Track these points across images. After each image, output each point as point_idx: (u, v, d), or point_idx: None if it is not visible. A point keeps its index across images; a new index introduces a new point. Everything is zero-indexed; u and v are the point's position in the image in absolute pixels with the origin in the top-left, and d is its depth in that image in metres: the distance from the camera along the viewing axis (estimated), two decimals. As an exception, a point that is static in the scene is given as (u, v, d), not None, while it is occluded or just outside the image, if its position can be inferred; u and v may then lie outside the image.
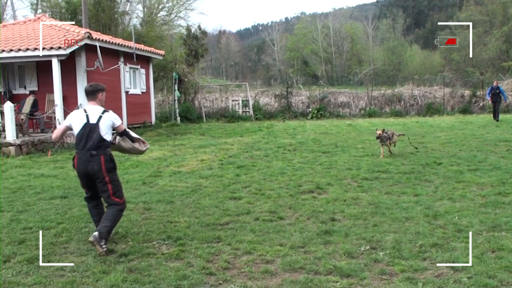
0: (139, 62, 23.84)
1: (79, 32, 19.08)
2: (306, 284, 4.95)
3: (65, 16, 33.53)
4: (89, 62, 19.30)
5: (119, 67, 21.73)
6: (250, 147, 15.88)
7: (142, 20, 39.72)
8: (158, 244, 6.37)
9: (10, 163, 13.80)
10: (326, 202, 8.38)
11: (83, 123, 6.37)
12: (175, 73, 28.65)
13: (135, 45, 22.83)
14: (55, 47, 17.27)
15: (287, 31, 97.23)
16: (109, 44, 20.38)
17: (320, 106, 29.95)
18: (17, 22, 23.77)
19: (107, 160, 6.30)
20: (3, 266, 5.70)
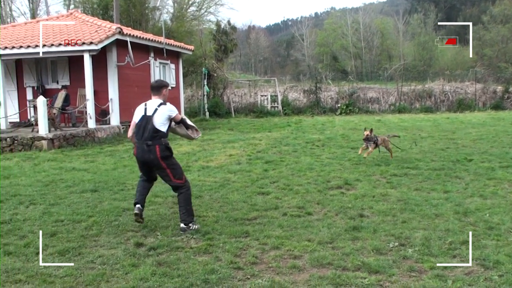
0: (169, 57, 23.99)
1: (110, 27, 19.29)
2: (334, 280, 4.94)
3: (97, 11, 33.87)
4: (120, 57, 19.51)
5: (149, 62, 21.91)
6: (278, 142, 15.88)
7: (172, 15, 39.95)
8: (186, 238, 6.43)
9: (43, 156, 14.04)
10: (355, 198, 8.35)
11: (141, 115, 6.93)
12: (204, 68, 28.77)
13: (165, 40, 22.98)
14: (86, 42, 17.49)
15: (316, 26, 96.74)
16: (139, 39, 20.57)
17: (349, 101, 29.77)
18: (50, 18, 24.13)
19: (162, 149, 6.77)
20: (35, 258, 5.81)
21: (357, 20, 79.03)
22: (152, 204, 8.21)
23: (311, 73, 35.67)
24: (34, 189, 9.62)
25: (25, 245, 6.25)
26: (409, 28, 77.15)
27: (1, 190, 9.54)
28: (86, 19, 21.60)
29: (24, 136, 15.73)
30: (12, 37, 19.20)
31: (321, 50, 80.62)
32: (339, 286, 4.85)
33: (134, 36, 20.13)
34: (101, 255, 5.87)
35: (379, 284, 4.88)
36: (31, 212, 7.87)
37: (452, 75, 35.41)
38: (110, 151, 14.93)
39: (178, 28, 36.17)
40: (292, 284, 4.91)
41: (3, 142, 15.62)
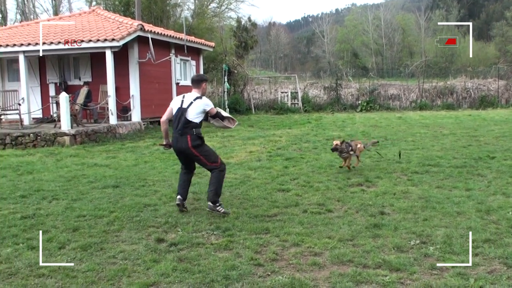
0: (190, 54, 24.08)
1: (132, 24, 19.41)
2: (355, 277, 4.93)
3: (118, 8, 34.10)
4: (141, 54, 19.63)
5: (170, 58, 22.01)
6: (298, 139, 15.87)
7: (193, 12, 40.05)
8: (207, 234, 6.46)
9: (65, 152, 14.20)
10: (375, 195, 8.32)
11: (178, 107, 7.47)
12: (225, 64, 28.81)
13: (186, 37, 23.07)
14: (108, 39, 17.62)
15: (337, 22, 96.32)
16: (161, 36, 20.67)
17: (370, 98, 29.61)
18: (72, 15, 24.36)
19: (193, 138, 7.29)
20: (58, 253, 5.89)
21: (378, 16, 78.54)
22: (173, 200, 8.24)
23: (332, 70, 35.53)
24: (56, 184, 9.74)
25: (48, 239, 6.33)
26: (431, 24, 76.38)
27: (25, 185, 9.68)
28: (108, 15, 21.77)
29: (47, 132, 15.92)
30: (36, 34, 19.41)
31: (341, 46, 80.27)
32: (360, 283, 4.84)
33: (156, 33, 20.24)
34: (123, 250, 5.92)
35: (400, 281, 4.86)
36: (54, 207, 7.97)
37: (475, 72, 35.01)
38: (131, 147, 15.05)
39: (198, 25, 36.27)
40: (313, 281, 4.91)
41: (27, 137, 15.83)
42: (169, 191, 8.92)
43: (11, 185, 9.73)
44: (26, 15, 44.00)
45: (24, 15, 43.80)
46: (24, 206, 8.10)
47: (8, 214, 7.62)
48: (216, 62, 31.79)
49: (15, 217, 7.42)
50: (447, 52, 63.64)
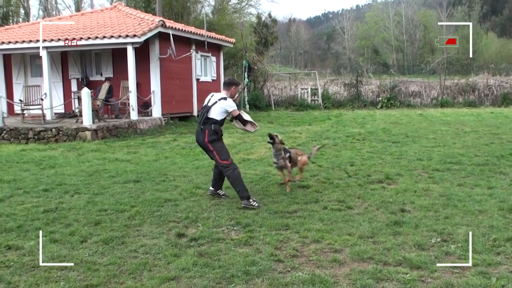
0: (210, 50, 24.15)
1: (153, 20, 19.52)
2: (375, 275, 4.92)
3: (139, 4, 34.27)
4: (162, 50, 19.74)
5: (190, 55, 22.09)
6: (318, 136, 15.84)
7: (214, 8, 40.10)
8: (227, 230, 6.48)
9: (86, 147, 14.34)
10: (396, 193, 8.27)
11: (204, 104, 8.00)
12: (245, 61, 28.85)
13: (207, 33, 23.12)
14: (130, 35, 17.74)
15: (357, 19, 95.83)
16: (181, 32, 20.75)
17: (390, 95, 29.44)
18: (94, 11, 24.56)
19: (210, 133, 7.77)
20: (80, 246, 5.95)
21: (399, 12, 78.00)
22: (193, 196, 8.30)
23: (352, 66, 35.35)
24: (78, 178, 9.85)
25: (70, 233, 6.40)
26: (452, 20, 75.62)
27: (47, 179, 9.80)
28: (129, 12, 21.91)
29: (69, 126, 16.10)
30: (58, 30, 19.60)
31: (362, 43, 79.85)
32: (380, 280, 4.83)
33: (176, 29, 20.32)
34: (144, 244, 5.96)
35: (421, 280, 4.84)
36: (76, 201, 8.06)
37: (497, 69, 34.63)
38: (152, 143, 15.15)
39: (219, 21, 36.34)
40: (333, 278, 4.91)
41: (49, 132, 16.03)
42: (189, 186, 8.96)
43: (34, 179, 9.86)
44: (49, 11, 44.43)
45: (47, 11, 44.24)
46: (47, 200, 8.20)
47: (31, 207, 7.72)
48: (236, 58, 31.84)
49: (37, 210, 7.51)
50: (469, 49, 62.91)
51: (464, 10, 74.01)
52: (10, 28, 21.94)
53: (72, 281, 4.93)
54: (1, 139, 16.43)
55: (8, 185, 9.35)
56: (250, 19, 44.18)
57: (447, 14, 77.02)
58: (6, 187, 9.22)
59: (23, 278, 5.03)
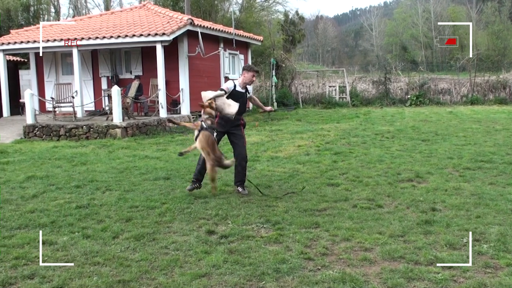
0: (238, 48, 24.21)
1: (181, 18, 19.64)
2: (406, 274, 4.89)
3: (168, 2, 34.52)
4: (190, 48, 19.85)
5: (219, 52, 22.17)
6: (347, 134, 15.77)
7: (241, 6, 40.19)
8: (257, 227, 6.51)
9: (117, 144, 14.50)
10: (426, 191, 8.21)
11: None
12: (273, 58, 28.82)
13: (235, 31, 23.18)
14: (159, 33, 17.88)
15: (385, 15, 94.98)
16: (210, 30, 20.84)
17: (420, 92, 29.12)
18: (124, 9, 24.80)
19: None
20: (112, 242, 6.03)
21: (428, 9, 77.07)
22: (223, 193, 8.35)
23: (380, 64, 35.07)
24: (109, 175, 9.98)
25: (102, 229, 6.50)
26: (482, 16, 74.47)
27: (79, 176, 9.95)
28: (158, 10, 22.09)
29: (99, 124, 16.30)
30: (88, 28, 19.86)
31: (390, 40, 79.09)
32: (412, 280, 4.80)
33: (205, 27, 20.42)
34: (174, 241, 6.02)
35: (453, 279, 4.80)
36: (107, 198, 8.17)
37: (529, 65, 34.01)
38: (181, 140, 15.26)
39: (246, 19, 36.40)
40: (363, 276, 4.90)
41: (80, 129, 16.26)
42: (218, 184, 8.97)
43: (66, 176, 10.01)
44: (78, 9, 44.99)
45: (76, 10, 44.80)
46: (79, 196, 8.32)
47: (63, 203, 7.85)
48: (264, 56, 31.85)
49: (70, 206, 7.64)
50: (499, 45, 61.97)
51: (495, 6, 72.77)
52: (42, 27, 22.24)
53: (105, 276, 5.00)
54: (33, 136, 16.71)
55: (41, 181, 9.52)
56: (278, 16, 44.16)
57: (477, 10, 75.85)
58: (39, 183, 9.39)
59: (57, 273, 5.12)
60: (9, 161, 11.92)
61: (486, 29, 70.00)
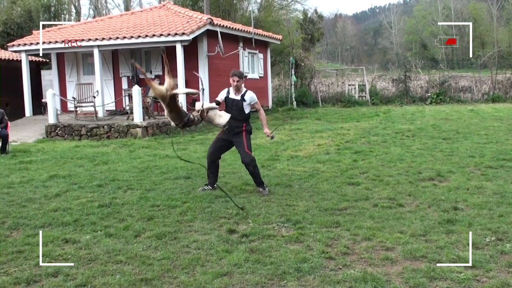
0: (257, 47, 24.21)
1: (201, 18, 19.70)
2: (428, 273, 4.87)
3: (187, 2, 34.60)
4: (210, 48, 19.91)
5: (238, 52, 22.20)
6: (367, 133, 15.71)
7: (260, 5, 40.16)
8: (277, 227, 6.52)
9: (137, 143, 14.62)
10: (448, 190, 8.15)
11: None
12: (292, 57, 28.79)
13: (254, 30, 23.19)
14: (179, 33, 17.96)
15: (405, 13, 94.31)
16: (229, 29, 20.88)
17: (440, 90, 28.87)
18: (144, 9, 24.95)
19: None
20: (134, 241, 6.09)
21: (448, 6, 76.38)
22: (243, 192, 8.38)
23: (400, 62, 34.79)
24: (130, 174, 10.06)
25: (124, 227, 6.56)
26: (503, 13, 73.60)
27: (101, 175, 10.05)
28: (178, 10, 22.17)
29: (120, 123, 16.45)
30: (109, 29, 20.02)
31: (410, 37, 78.53)
32: (434, 279, 4.78)
33: (224, 27, 20.46)
34: (196, 240, 6.06)
35: (475, 279, 4.77)
36: (129, 197, 8.25)
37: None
38: (200, 140, 15.32)
39: (265, 18, 36.35)
40: (385, 276, 4.89)
41: (101, 129, 16.41)
42: (239, 183, 9.04)
43: (88, 175, 10.12)
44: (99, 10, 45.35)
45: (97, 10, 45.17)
46: (101, 195, 8.41)
47: (86, 202, 7.94)
48: (283, 55, 31.81)
49: (92, 205, 7.72)
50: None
51: (517, 2, 71.91)
52: (63, 28, 22.49)
53: (127, 274, 5.06)
54: (55, 135, 16.92)
55: (64, 180, 9.64)
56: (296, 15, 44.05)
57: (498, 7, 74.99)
58: (62, 182, 9.51)
59: (80, 271, 5.19)
60: (32, 160, 12.08)
61: (507, 25, 69.19)
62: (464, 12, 74.54)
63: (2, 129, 13.47)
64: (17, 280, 4.99)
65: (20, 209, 7.63)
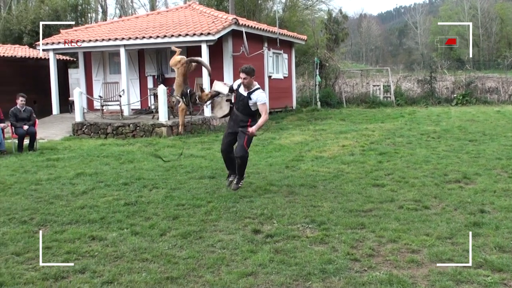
0: (282, 47, 24.21)
1: (226, 18, 19.76)
2: (455, 277, 4.84)
3: (212, 2, 34.75)
4: (235, 48, 19.96)
5: (263, 52, 22.22)
6: (392, 134, 15.61)
7: (285, 5, 40.15)
8: (302, 227, 6.52)
9: (162, 142, 14.72)
10: (474, 193, 8.07)
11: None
12: (316, 58, 28.73)
13: (279, 31, 23.20)
14: (204, 33, 18.05)
15: (431, 13, 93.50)
16: (254, 29, 20.92)
17: (466, 91, 28.56)
18: (170, 9, 25.12)
19: None
20: (160, 239, 6.14)
21: (474, 5, 75.47)
22: (268, 193, 8.38)
23: (425, 62, 34.51)
24: (156, 173, 10.13)
25: (150, 226, 6.62)
26: (532, 14, 72.49)
27: (126, 174, 10.15)
28: (203, 10, 22.28)
29: (145, 122, 16.58)
30: (135, 28, 20.20)
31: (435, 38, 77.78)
32: (460, 283, 4.74)
33: (249, 27, 20.50)
34: (221, 239, 6.09)
35: (503, 283, 4.72)
36: (154, 195, 8.31)
37: None
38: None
39: (290, 18, 36.36)
40: (411, 279, 4.87)
41: (127, 128, 16.57)
42: (263, 183, 9.05)
43: (114, 173, 10.23)
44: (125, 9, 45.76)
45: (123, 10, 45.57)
46: (127, 194, 8.49)
47: (112, 200, 8.03)
48: (308, 55, 31.78)
49: (118, 203, 7.80)
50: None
51: (546, 2, 70.76)
52: (90, 27, 22.77)
53: (153, 272, 5.11)
54: (82, 133, 17.12)
55: (90, 178, 9.75)
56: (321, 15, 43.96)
57: (527, 7, 73.83)
58: (89, 180, 9.63)
59: (107, 268, 5.25)
60: (59, 158, 12.25)
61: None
62: (491, 12, 73.58)
63: (30, 126, 13.70)
64: (45, 276, 5.07)
65: (47, 206, 7.75)
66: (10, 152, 13.34)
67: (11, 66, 23.23)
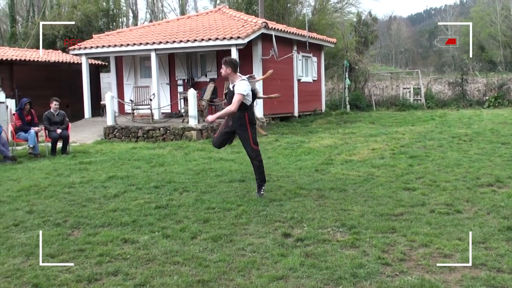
0: (311, 50, 24.18)
1: (256, 22, 19.83)
2: (488, 282, 4.77)
3: (241, 6, 34.92)
4: (264, 51, 20.00)
5: (292, 55, 22.23)
6: (422, 137, 15.45)
7: (314, 8, 40.10)
8: (332, 231, 6.50)
9: (192, 146, 14.82)
10: (508, 197, 7.94)
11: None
12: (346, 61, 28.62)
13: (308, 34, 23.17)
14: (234, 37, 18.13)
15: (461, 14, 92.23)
16: (283, 33, 20.93)
17: (498, 94, 28.11)
18: (200, 14, 25.31)
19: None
20: (191, 242, 6.19)
21: (507, 6, 74.16)
22: (297, 196, 8.38)
23: (456, 64, 34.08)
24: (186, 177, 10.21)
25: (181, 229, 6.67)
26: None
27: (157, 177, 10.24)
28: (233, 14, 22.39)
29: (175, 126, 16.72)
30: (166, 32, 20.39)
31: (466, 39, 76.70)
32: (494, 288, 4.69)
33: (279, 30, 20.52)
34: (251, 243, 6.10)
35: (538, 289, 4.66)
36: (185, 199, 8.38)
37: None
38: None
39: (319, 21, 36.32)
40: (443, 283, 4.82)
41: (157, 131, 16.74)
42: (293, 186, 9.05)
43: (145, 176, 10.34)
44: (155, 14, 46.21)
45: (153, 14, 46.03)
46: (158, 197, 8.57)
47: (143, 203, 8.11)
48: (337, 58, 31.69)
49: (150, 206, 7.88)
50: None
51: None
52: (121, 32, 23.08)
53: (184, 275, 5.15)
54: (113, 137, 17.35)
55: (122, 181, 9.88)
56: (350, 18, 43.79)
57: (562, 7, 72.34)
58: (120, 183, 9.75)
59: (139, 271, 5.32)
60: (91, 161, 12.43)
61: None
62: (524, 13, 72.27)
63: (63, 130, 13.93)
64: (79, 278, 5.15)
65: (80, 209, 7.87)
66: (43, 156, 13.59)
67: (45, 70, 23.69)
